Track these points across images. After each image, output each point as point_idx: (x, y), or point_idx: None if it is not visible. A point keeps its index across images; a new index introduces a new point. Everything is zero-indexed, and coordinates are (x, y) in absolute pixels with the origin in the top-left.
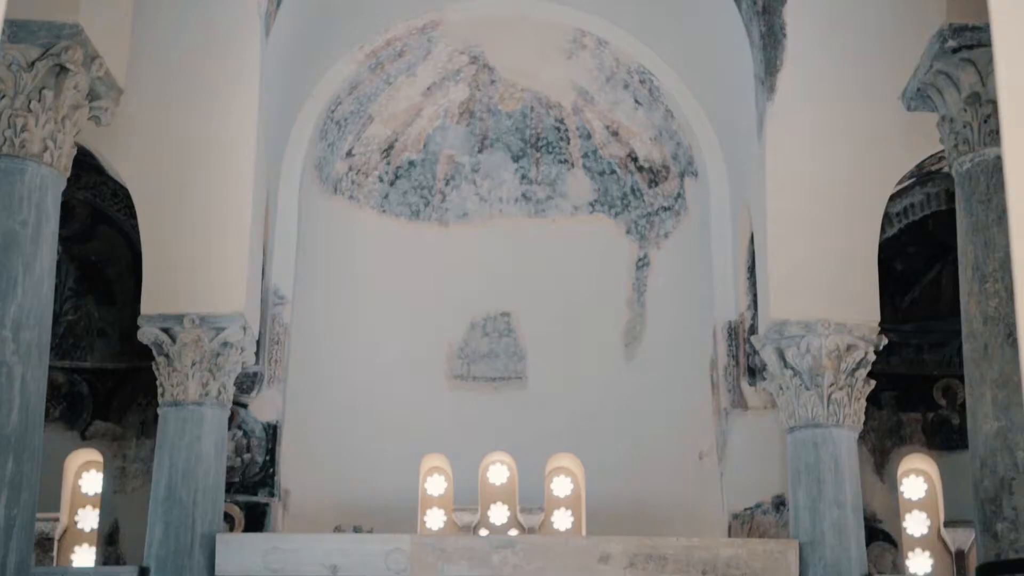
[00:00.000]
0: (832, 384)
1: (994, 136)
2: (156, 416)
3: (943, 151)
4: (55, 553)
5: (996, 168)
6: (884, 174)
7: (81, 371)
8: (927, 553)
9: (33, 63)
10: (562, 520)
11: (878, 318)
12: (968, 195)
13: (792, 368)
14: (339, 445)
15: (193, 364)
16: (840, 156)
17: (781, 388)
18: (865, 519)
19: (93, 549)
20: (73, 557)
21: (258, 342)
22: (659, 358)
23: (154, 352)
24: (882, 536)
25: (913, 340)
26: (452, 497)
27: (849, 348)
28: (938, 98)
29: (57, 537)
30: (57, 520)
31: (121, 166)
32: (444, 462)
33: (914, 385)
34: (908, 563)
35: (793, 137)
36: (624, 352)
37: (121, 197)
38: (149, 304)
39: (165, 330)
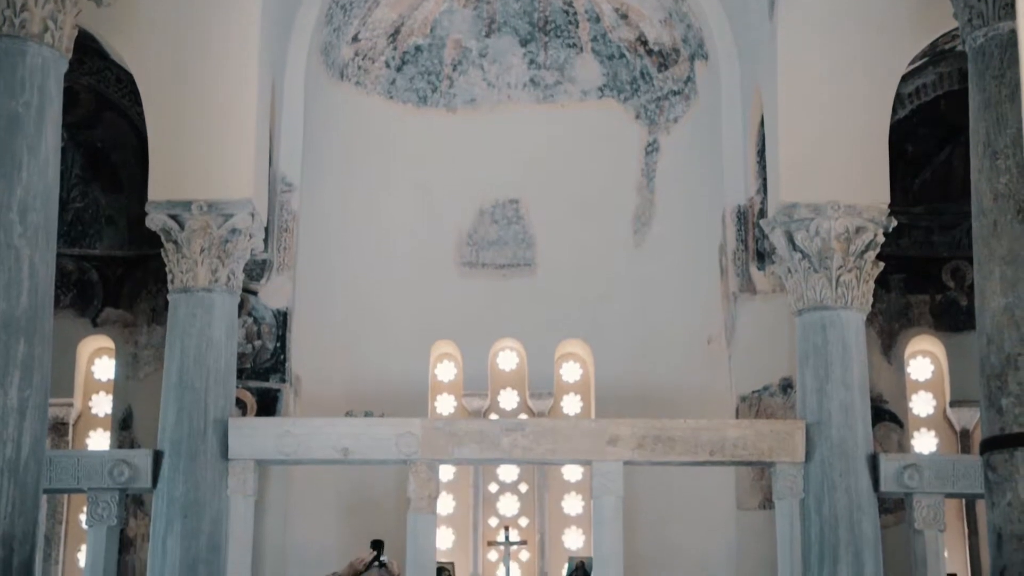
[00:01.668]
0: (841, 266)
1: (1009, 10)
2: (166, 303)
3: (956, 28)
4: (70, 437)
5: (1010, 42)
6: (896, 54)
7: (90, 258)
8: (932, 432)
9: None
10: (571, 405)
11: (888, 200)
12: (981, 71)
13: (801, 251)
14: (349, 332)
15: (202, 250)
16: (852, 36)
17: (790, 271)
18: (872, 400)
19: (107, 434)
20: (88, 441)
21: (267, 229)
22: (668, 244)
23: (163, 239)
24: (888, 416)
25: (923, 222)
26: (462, 383)
27: (858, 230)
28: None
29: (72, 422)
30: (71, 405)
31: (125, 50)
32: (454, 348)
33: (923, 267)
34: (913, 442)
35: (804, 18)
36: (633, 238)
37: (126, 83)
38: (157, 190)
39: (173, 216)
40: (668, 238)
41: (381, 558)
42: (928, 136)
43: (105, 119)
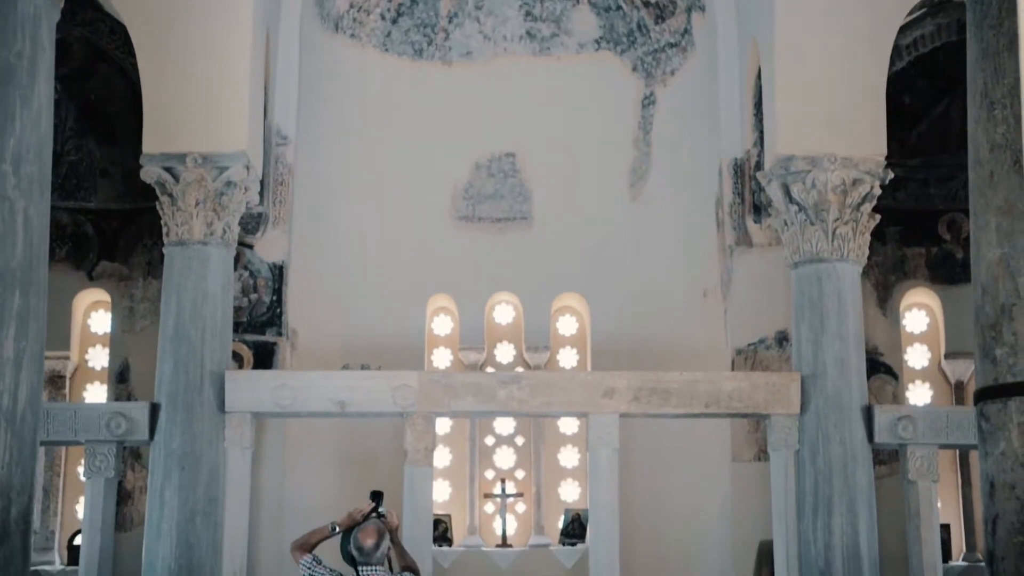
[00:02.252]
0: (837, 219)
1: None
2: (162, 256)
3: None
4: (67, 390)
5: None
6: (894, 5)
7: (85, 211)
8: (927, 384)
9: None
10: (568, 358)
11: (885, 152)
12: (979, 20)
13: (797, 203)
14: (345, 285)
15: (197, 203)
16: None
17: (786, 224)
18: (867, 352)
19: (104, 387)
20: (85, 395)
21: (262, 182)
22: (665, 197)
23: (157, 192)
24: (883, 369)
25: (919, 175)
26: (458, 337)
27: (855, 182)
28: None
29: (68, 375)
30: (68, 358)
31: (118, 0)
32: (450, 302)
33: (919, 220)
34: (908, 394)
35: None
36: (629, 191)
37: (119, 34)
38: (151, 143)
39: (168, 169)
40: (664, 191)
41: (379, 509)
42: (926, 88)
43: (99, 71)
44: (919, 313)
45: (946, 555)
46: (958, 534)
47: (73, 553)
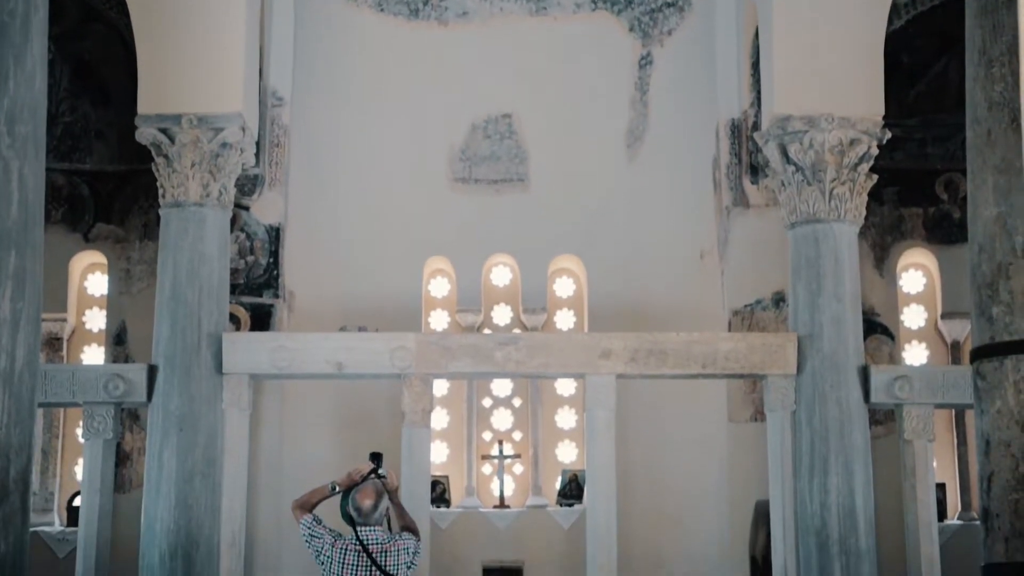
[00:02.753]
0: (834, 179)
1: None
2: (158, 218)
3: None
4: (64, 352)
5: None
6: None
7: (81, 173)
8: (923, 345)
9: None
10: (565, 320)
11: (882, 112)
12: None
13: (794, 164)
14: (342, 248)
15: (193, 165)
16: None
17: (783, 184)
18: (863, 313)
19: (101, 349)
20: (82, 357)
21: (258, 144)
22: (662, 158)
23: (153, 153)
24: (880, 329)
25: (917, 134)
26: (455, 299)
27: (852, 142)
28: None
29: (66, 337)
30: (65, 321)
31: None
32: (447, 264)
33: (916, 180)
34: (904, 355)
35: None
36: (626, 152)
37: None
38: (146, 104)
39: (163, 130)
40: (661, 152)
41: (379, 471)
42: (924, 47)
43: (93, 31)
44: (916, 274)
45: (941, 514)
46: (953, 493)
47: (72, 514)
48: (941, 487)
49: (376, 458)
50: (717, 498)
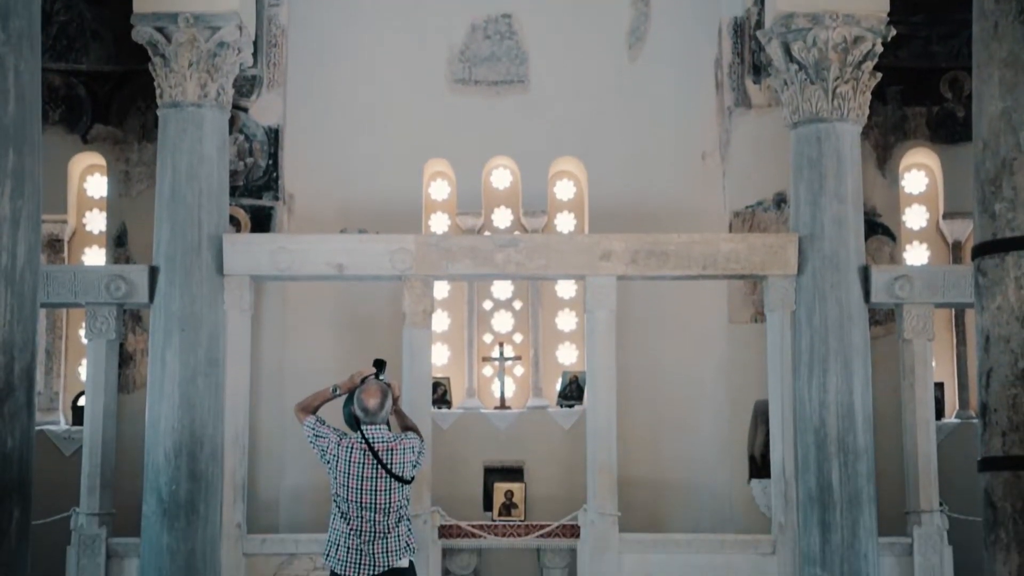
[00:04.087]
0: (838, 77)
1: None
2: (156, 119)
3: None
4: (65, 254)
5: None
6: None
7: (78, 74)
8: (924, 245)
9: None
10: (565, 223)
11: (887, 9)
12: None
13: (798, 62)
14: (342, 149)
15: (190, 64)
16: None
17: (786, 83)
18: (865, 213)
19: (102, 251)
20: (83, 258)
21: (255, 44)
22: (663, 58)
23: (150, 53)
24: (881, 230)
25: (922, 32)
26: (455, 201)
27: (856, 40)
28: None
29: (67, 239)
30: (65, 222)
31: None
32: (447, 167)
33: (921, 78)
34: (905, 255)
35: None
36: (628, 52)
37: None
38: (141, 2)
39: (159, 29)
40: (663, 52)
41: (381, 377)
42: None
43: None
44: (918, 174)
45: (939, 413)
46: (951, 392)
47: (77, 413)
48: (939, 386)
49: (379, 365)
50: (716, 398)
